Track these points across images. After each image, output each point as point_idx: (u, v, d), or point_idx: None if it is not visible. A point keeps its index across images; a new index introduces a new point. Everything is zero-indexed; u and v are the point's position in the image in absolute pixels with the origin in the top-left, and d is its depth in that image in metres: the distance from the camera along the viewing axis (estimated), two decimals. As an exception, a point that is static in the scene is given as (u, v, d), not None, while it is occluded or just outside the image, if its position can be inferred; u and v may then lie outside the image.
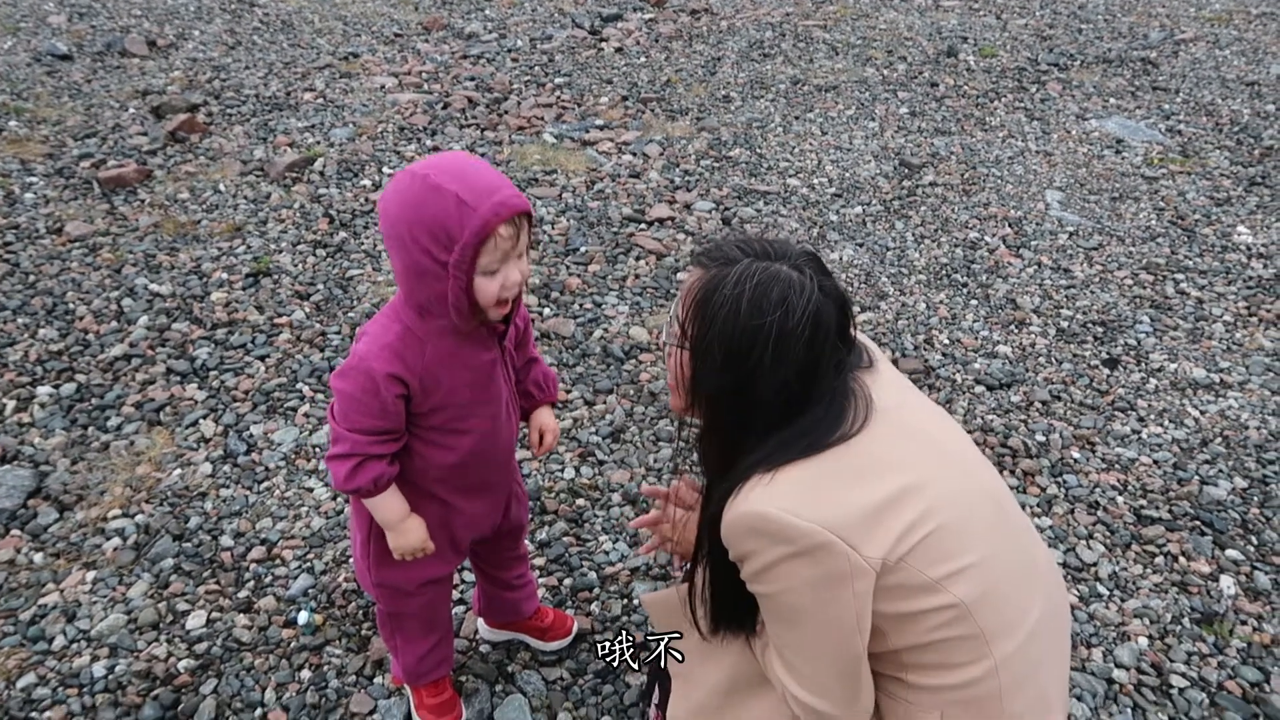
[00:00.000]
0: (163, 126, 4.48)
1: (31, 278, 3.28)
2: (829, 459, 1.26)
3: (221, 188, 3.96)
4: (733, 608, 1.43)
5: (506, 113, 4.89)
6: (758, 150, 4.60)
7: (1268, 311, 3.46)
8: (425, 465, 1.54)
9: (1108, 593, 2.27)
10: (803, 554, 1.21)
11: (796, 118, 5.03)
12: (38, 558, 2.23)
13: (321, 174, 4.10)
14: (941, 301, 3.46)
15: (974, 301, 3.48)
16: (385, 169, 4.17)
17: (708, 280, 1.29)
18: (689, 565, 1.53)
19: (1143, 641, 2.14)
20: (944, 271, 3.66)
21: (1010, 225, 4.02)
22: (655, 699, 1.73)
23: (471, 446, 1.54)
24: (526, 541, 1.99)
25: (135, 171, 4.00)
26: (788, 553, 1.21)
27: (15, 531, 2.29)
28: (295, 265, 3.43)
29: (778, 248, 1.30)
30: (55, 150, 4.24)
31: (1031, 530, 1.48)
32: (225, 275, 3.35)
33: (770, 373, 1.24)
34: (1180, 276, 3.68)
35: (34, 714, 1.87)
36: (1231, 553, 2.39)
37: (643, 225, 3.84)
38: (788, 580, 1.24)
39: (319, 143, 4.41)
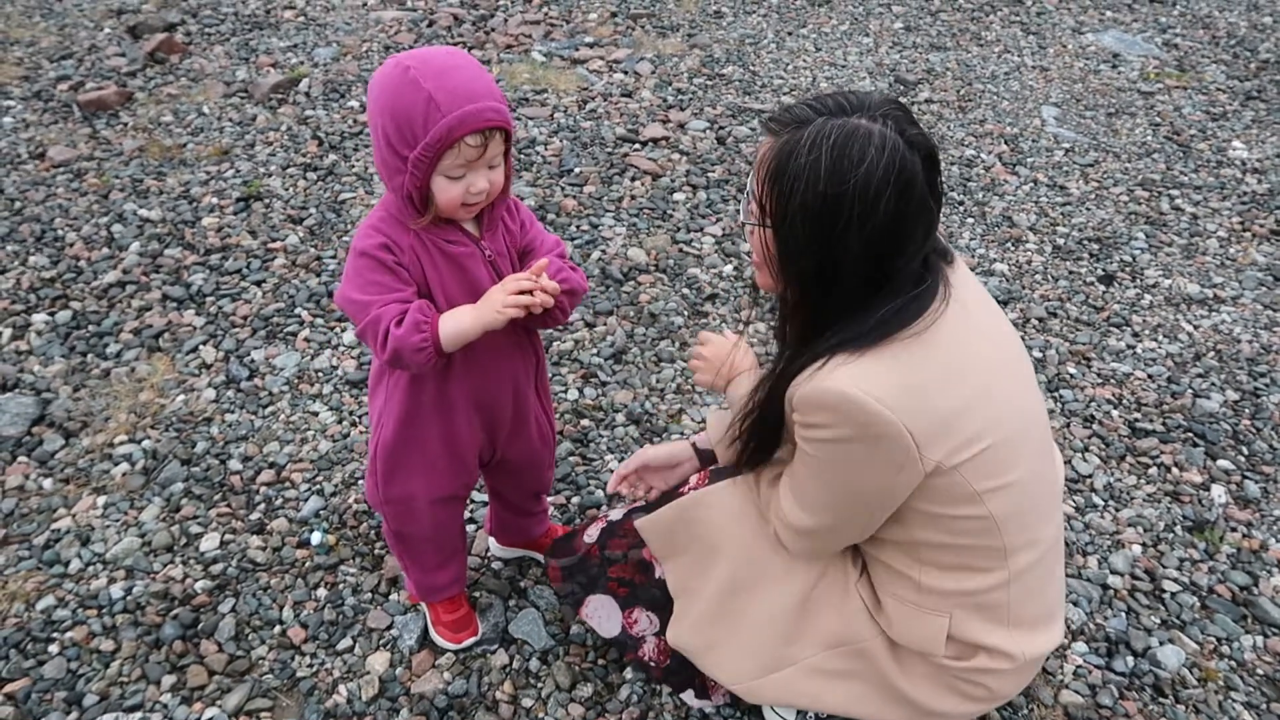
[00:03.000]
0: (140, 47, 4.35)
1: (17, 204, 3.22)
2: (914, 349, 1.23)
3: (205, 110, 3.87)
4: (766, 452, 1.46)
5: (493, 30, 4.77)
6: (751, 68, 4.52)
7: (1261, 226, 3.48)
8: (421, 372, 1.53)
9: (1103, 503, 2.33)
10: (872, 439, 1.22)
11: (789, 34, 4.93)
12: (47, 484, 2.24)
13: (307, 95, 4.01)
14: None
15: (970, 219, 3.47)
16: (372, 89, 4.07)
17: (780, 148, 1.21)
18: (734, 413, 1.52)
19: (1136, 549, 2.20)
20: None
21: (1006, 142, 3.99)
22: (655, 628, 1.75)
23: (462, 351, 1.51)
24: (550, 479, 1.97)
25: (116, 94, 3.90)
26: (858, 434, 1.22)
27: (22, 458, 2.30)
28: (286, 189, 3.38)
29: (854, 100, 1.21)
30: (31, 73, 4.12)
31: (1056, 448, 1.51)
32: (215, 200, 3.29)
33: (858, 238, 1.18)
34: (1175, 192, 3.68)
35: (55, 634, 1.91)
36: (1223, 463, 2.45)
37: (637, 145, 3.79)
38: (845, 455, 1.26)
39: (303, 63, 4.31)
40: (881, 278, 1.23)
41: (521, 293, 1.41)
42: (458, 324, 1.42)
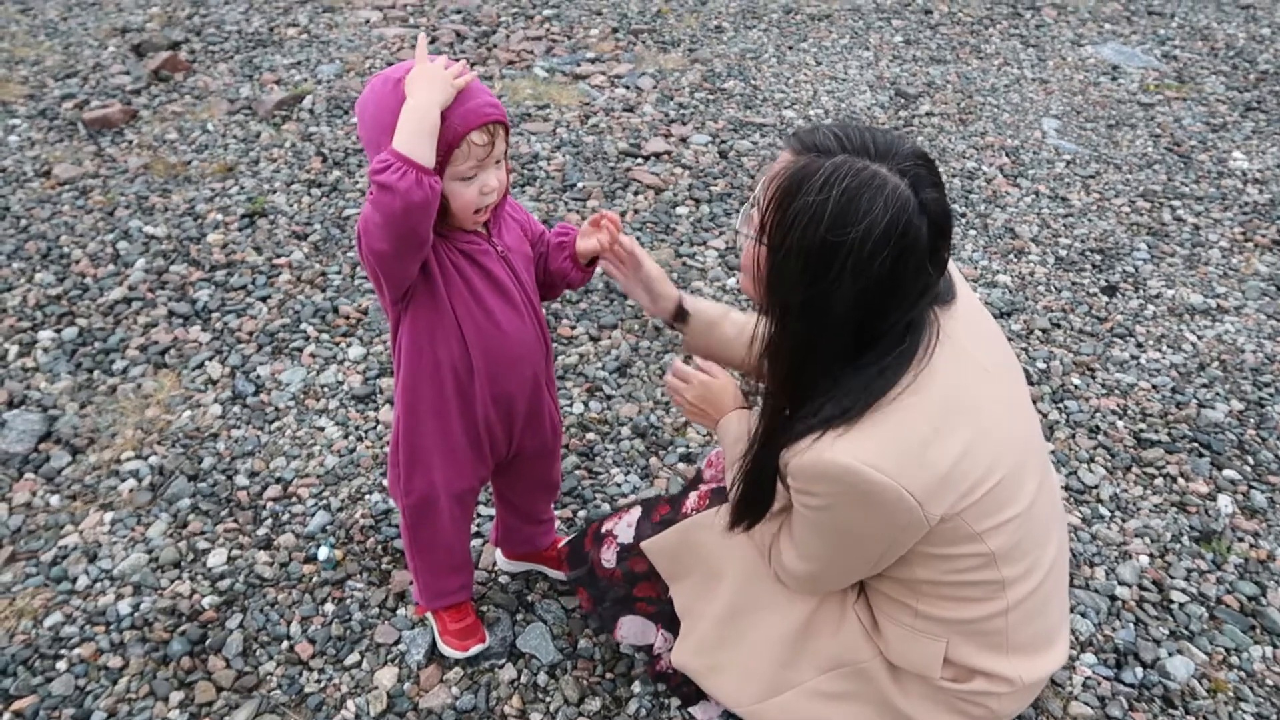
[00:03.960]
0: (145, 65, 4.38)
1: (23, 222, 3.23)
2: (908, 405, 1.20)
3: (210, 127, 3.90)
4: (759, 507, 1.44)
5: (495, 46, 4.80)
6: (752, 82, 4.54)
7: (1263, 236, 3.49)
8: (436, 358, 1.55)
9: (1109, 514, 2.32)
10: (873, 505, 1.21)
11: (790, 48, 4.96)
12: (54, 500, 2.25)
13: (311, 112, 4.03)
14: (940, 232, 3.46)
15: (972, 231, 3.48)
16: (376, 106, 4.09)
17: (795, 171, 1.18)
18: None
19: (1143, 560, 2.20)
20: (942, 202, 3.65)
21: (1007, 154, 4.01)
22: (669, 645, 1.75)
23: (478, 341, 1.54)
24: (559, 475, 1.99)
25: (120, 112, 3.92)
26: (858, 502, 1.22)
27: (29, 475, 2.30)
28: (290, 205, 3.40)
29: (881, 145, 1.17)
30: (36, 91, 4.15)
31: (1050, 464, 1.51)
32: (220, 216, 3.31)
33: (849, 289, 1.15)
34: (1177, 203, 3.70)
35: (63, 651, 1.91)
36: (1229, 473, 2.44)
37: (639, 160, 3.80)
38: (845, 520, 1.26)
39: (306, 80, 4.33)
40: (867, 327, 1.21)
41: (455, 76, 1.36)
42: (408, 120, 1.30)
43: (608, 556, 1.76)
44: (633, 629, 1.76)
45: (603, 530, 1.80)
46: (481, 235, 1.53)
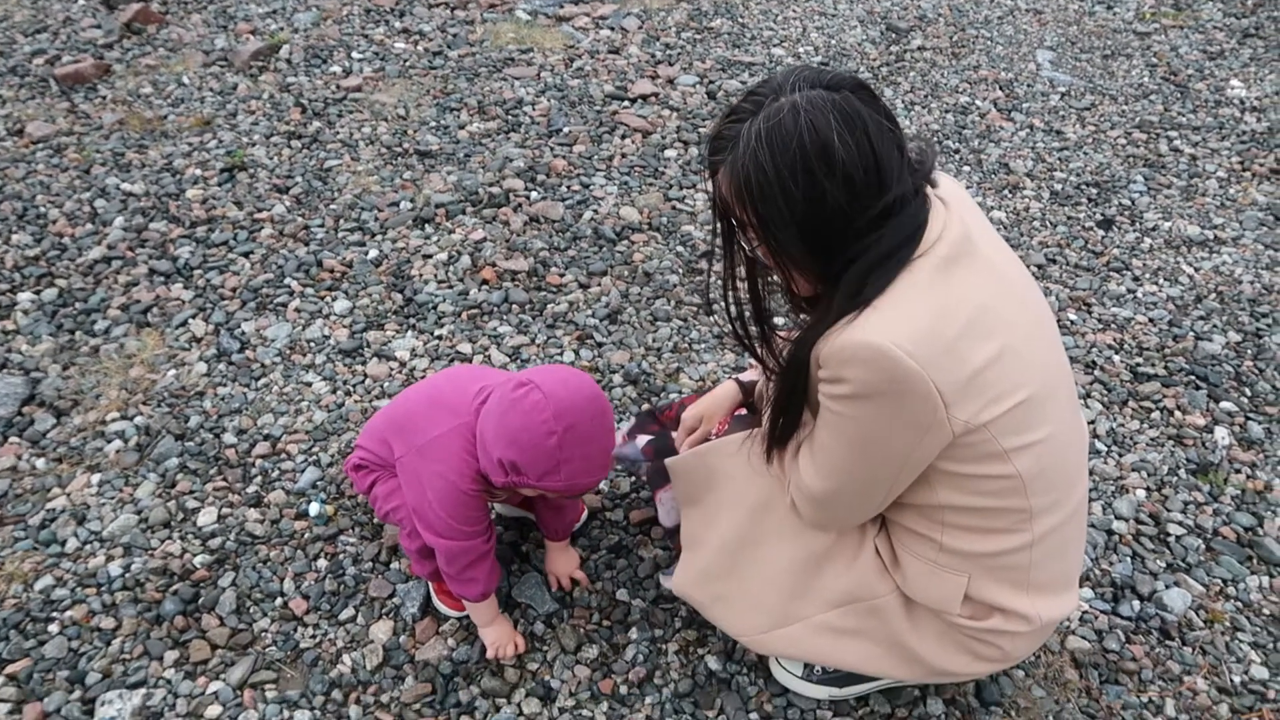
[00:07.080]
0: (116, 18, 4.26)
1: (-3, 182, 3.16)
2: (943, 296, 1.19)
3: (185, 80, 3.80)
4: (792, 418, 1.42)
5: (476, -10, 4.68)
6: (739, 19, 4.44)
7: (1261, 166, 3.44)
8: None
9: (1106, 449, 2.31)
10: (899, 394, 1.18)
11: (778, -16, 4.83)
12: (39, 463, 2.22)
13: (289, 61, 3.93)
14: (934, 169, 3.41)
15: (966, 168, 3.42)
16: (354, 54, 4.00)
17: (730, 170, 1.21)
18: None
19: (1140, 494, 2.19)
20: (935, 138, 3.59)
21: (1001, 88, 3.93)
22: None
23: None
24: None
25: (93, 67, 3.82)
26: (885, 389, 1.19)
27: (14, 439, 2.27)
28: (270, 158, 3.32)
29: (766, 88, 1.21)
30: (5, 48, 4.03)
31: (1081, 412, 1.48)
32: (199, 171, 3.24)
33: (841, 188, 1.16)
34: (1174, 134, 3.63)
35: (55, 614, 1.89)
36: (1226, 405, 2.43)
37: (625, 102, 3.72)
38: (870, 413, 1.23)
39: (282, 29, 4.22)
40: (872, 185, 1.19)
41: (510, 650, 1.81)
42: (479, 612, 1.81)
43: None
44: (667, 502, 1.79)
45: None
46: None
